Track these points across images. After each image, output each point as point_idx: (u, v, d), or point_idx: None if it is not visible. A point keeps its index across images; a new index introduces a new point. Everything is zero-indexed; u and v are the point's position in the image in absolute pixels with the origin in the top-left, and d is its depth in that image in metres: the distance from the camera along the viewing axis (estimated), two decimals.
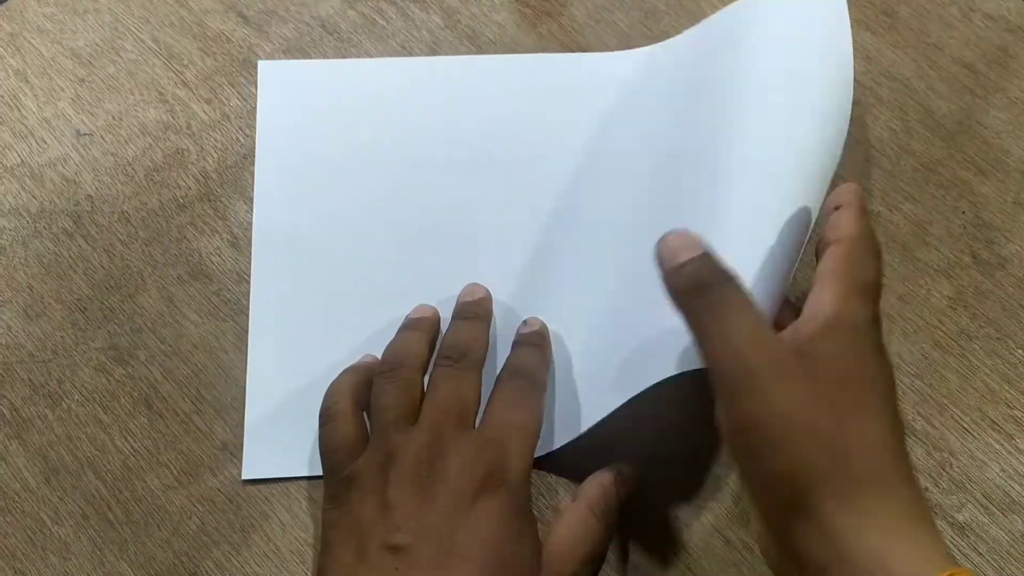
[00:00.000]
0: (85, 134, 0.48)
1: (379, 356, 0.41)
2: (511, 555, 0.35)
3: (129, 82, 0.50)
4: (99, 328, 0.44)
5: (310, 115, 0.49)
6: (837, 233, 0.35)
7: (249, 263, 0.46)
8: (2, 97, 0.49)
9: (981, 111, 0.49)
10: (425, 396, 0.38)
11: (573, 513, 0.37)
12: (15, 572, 0.40)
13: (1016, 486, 0.41)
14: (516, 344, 0.42)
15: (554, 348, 0.43)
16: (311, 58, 0.50)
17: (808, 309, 0.33)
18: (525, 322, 0.43)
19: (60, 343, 0.44)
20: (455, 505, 0.35)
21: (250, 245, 0.46)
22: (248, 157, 0.48)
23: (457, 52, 0.51)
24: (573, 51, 0.51)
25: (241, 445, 0.42)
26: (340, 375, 0.41)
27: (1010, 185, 0.47)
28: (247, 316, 0.44)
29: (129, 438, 0.42)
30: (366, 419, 0.39)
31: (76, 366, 0.44)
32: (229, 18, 0.51)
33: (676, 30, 0.51)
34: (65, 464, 0.42)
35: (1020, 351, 0.44)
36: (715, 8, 0.51)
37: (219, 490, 0.42)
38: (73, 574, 0.40)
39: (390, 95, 0.49)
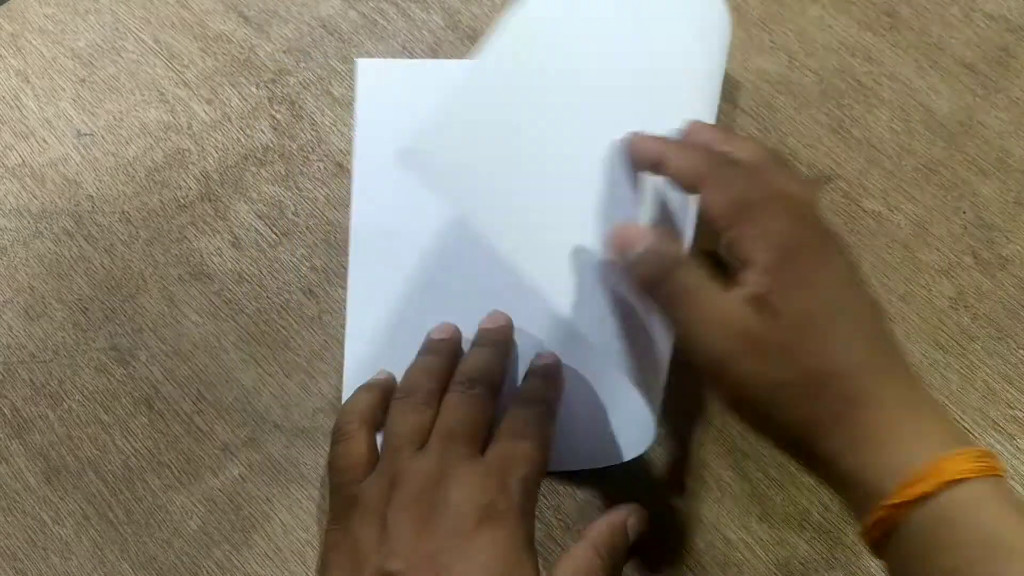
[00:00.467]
0: (86, 134, 0.49)
1: (396, 372, 0.41)
2: None
3: (130, 82, 0.50)
4: (100, 328, 0.44)
5: (409, 114, 0.47)
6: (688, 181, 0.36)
7: (250, 263, 0.46)
8: (3, 97, 0.49)
9: (982, 111, 0.49)
10: (436, 422, 0.38)
11: (578, 551, 0.37)
12: (16, 572, 0.40)
13: (1018, 486, 0.41)
14: (528, 375, 0.42)
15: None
16: (312, 58, 0.50)
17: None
18: (538, 355, 0.43)
19: (61, 343, 0.44)
20: (454, 534, 0.35)
21: (251, 245, 0.46)
22: (248, 157, 0.48)
23: (459, 52, 0.51)
24: None
25: (242, 445, 0.42)
26: (355, 393, 0.41)
27: (1011, 185, 0.47)
28: (248, 316, 0.44)
29: (130, 438, 0.42)
30: (379, 440, 0.39)
31: (77, 366, 0.44)
32: (230, 18, 0.51)
33: None
34: (66, 464, 0.42)
35: (1021, 351, 0.44)
36: None
37: (220, 490, 0.42)
38: (74, 574, 0.40)
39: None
